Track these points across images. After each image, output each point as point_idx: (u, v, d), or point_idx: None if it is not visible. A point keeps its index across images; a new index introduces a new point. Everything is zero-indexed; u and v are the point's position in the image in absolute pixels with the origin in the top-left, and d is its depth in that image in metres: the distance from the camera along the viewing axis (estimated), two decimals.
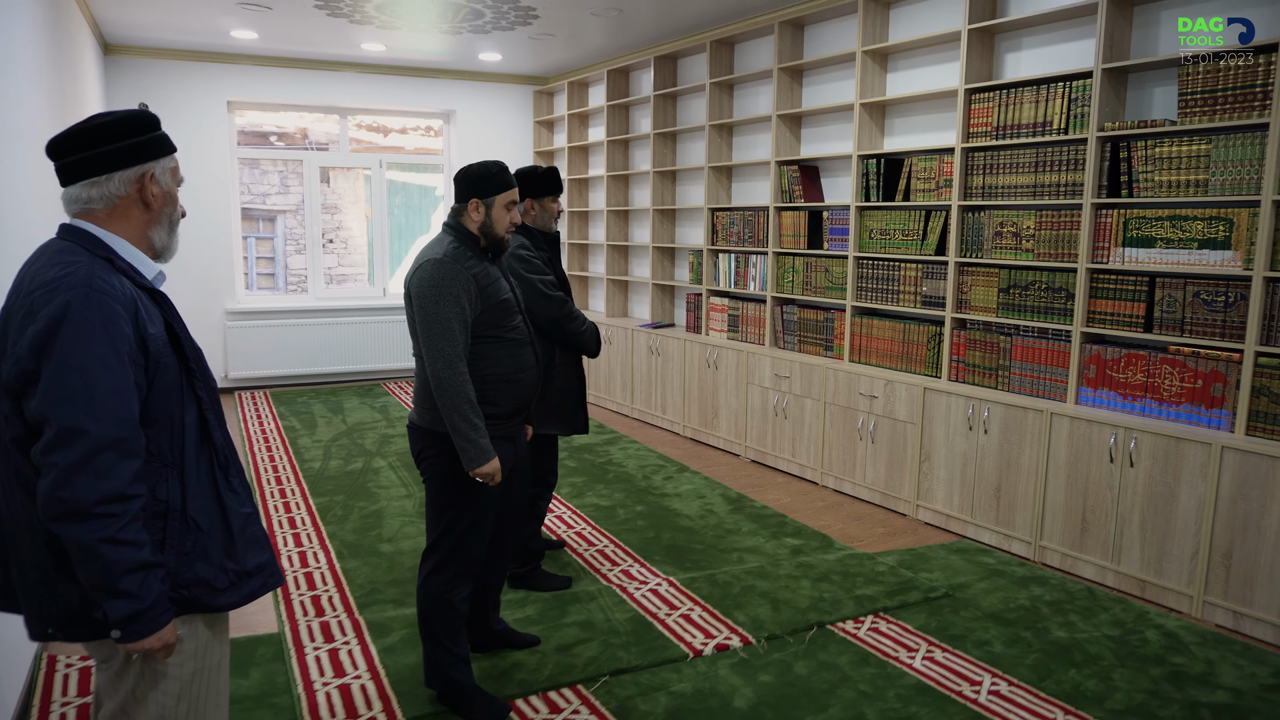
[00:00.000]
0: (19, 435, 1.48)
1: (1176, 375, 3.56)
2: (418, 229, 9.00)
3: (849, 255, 5.00)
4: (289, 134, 10.36)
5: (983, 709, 2.74)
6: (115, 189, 1.55)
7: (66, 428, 1.40)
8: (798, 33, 5.50)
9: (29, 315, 1.45)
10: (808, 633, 3.24)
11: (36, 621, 1.56)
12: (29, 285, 1.49)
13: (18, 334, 1.45)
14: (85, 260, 1.50)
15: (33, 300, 1.46)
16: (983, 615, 3.40)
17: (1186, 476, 3.41)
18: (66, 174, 1.55)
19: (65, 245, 1.53)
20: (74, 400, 1.41)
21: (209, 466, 1.61)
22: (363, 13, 5.71)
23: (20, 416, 1.47)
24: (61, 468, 1.40)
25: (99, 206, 1.55)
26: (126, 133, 1.55)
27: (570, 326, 3.44)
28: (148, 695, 1.58)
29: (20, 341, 1.44)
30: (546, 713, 2.70)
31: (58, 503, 1.40)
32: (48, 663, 2.93)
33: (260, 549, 1.67)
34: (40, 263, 1.52)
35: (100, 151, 1.53)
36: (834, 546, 4.12)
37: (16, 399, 1.47)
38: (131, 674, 1.57)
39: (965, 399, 4.24)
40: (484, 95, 8.35)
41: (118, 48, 6.96)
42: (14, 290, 1.52)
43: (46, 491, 1.40)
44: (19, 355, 1.44)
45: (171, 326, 1.58)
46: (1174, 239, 3.55)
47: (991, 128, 4.20)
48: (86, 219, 1.56)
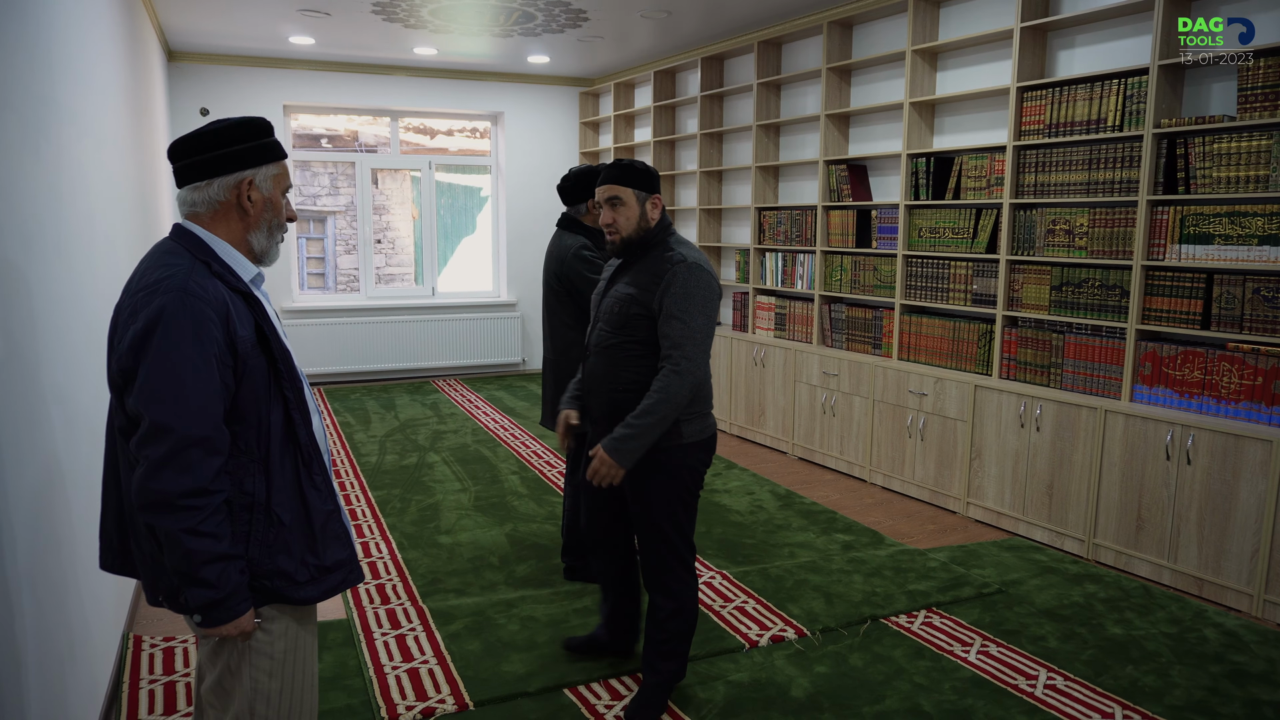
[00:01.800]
0: (123, 425, 1.59)
1: (1235, 372, 3.54)
2: (464, 229, 9.16)
3: (898, 254, 5.01)
4: (339, 136, 10.58)
5: (1039, 702, 2.76)
6: (215, 194, 1.63)
7: (156, 424, 1.50)
8: (846, 32, 5.52)
9: (132, 315, 1.55)
10: (861, 626, 3.28)
11: (150, 589, 1.68)
12: (135, 285, 1.59)
13: (122, 332, 1.56)
14: (185, 263, 1.58)
15: (136, 301, 1.56)
16: (1036, 611, 3.41)
17: (1246, 474, 3.40)
18: (178, 177, 1.64)
19: (171, 246, 1.63)
20: (164, 399, 1.50)
21: (293, 463, 1.67)
22: (418, 17, 5.85)
23: (123, 409, 1.58)
24: (151, 461, 1.50)
25: (202, 210, 1.64)
26: (229, 140, 1.62)
27: None
28: (242, 669, 1.67)
29: (123, 340, 1.55)
30: (608, 699, 2.78)
31: (146, 493, 1.50)
32: (134, 643, 3.08)
33: (342, 545, 1.73)
34: (148, 263, 1.62)
35: (205, 158, 1.61)
36: (885, 543, 4.15)
37: (120, 393, 1.58)
38: (226, 650, 1.68)
39: (1017, 396, 4.24)
40: (531, 97, 8.47)
41: (181, 54, 7.19)
42: (126, 288, 1.63)
43: (138, 482, 1.51)
44: (121, 352, 1.54)
45: (261, 328, 1.65)
46: (1233, 235, 3.53)
47: (1044, 125, 4.20)
48: (193, 220, 1.65)
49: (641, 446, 2.46)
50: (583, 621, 3.28)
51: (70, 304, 2.57)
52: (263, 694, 1.68)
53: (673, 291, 2.46)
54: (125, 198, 3.99)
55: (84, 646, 2.44)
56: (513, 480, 5.11)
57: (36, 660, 1.92)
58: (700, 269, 2.49)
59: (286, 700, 1.71)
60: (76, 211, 2.77)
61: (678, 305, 2.45)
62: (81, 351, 2.68)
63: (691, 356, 2.45)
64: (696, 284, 2.46)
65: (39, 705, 1.92)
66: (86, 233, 2.91)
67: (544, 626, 3.25)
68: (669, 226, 2.64)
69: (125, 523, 1.69)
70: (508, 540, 4.14)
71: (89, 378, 2.76)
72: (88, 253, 2.93)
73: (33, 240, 2.15)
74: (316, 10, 5.67)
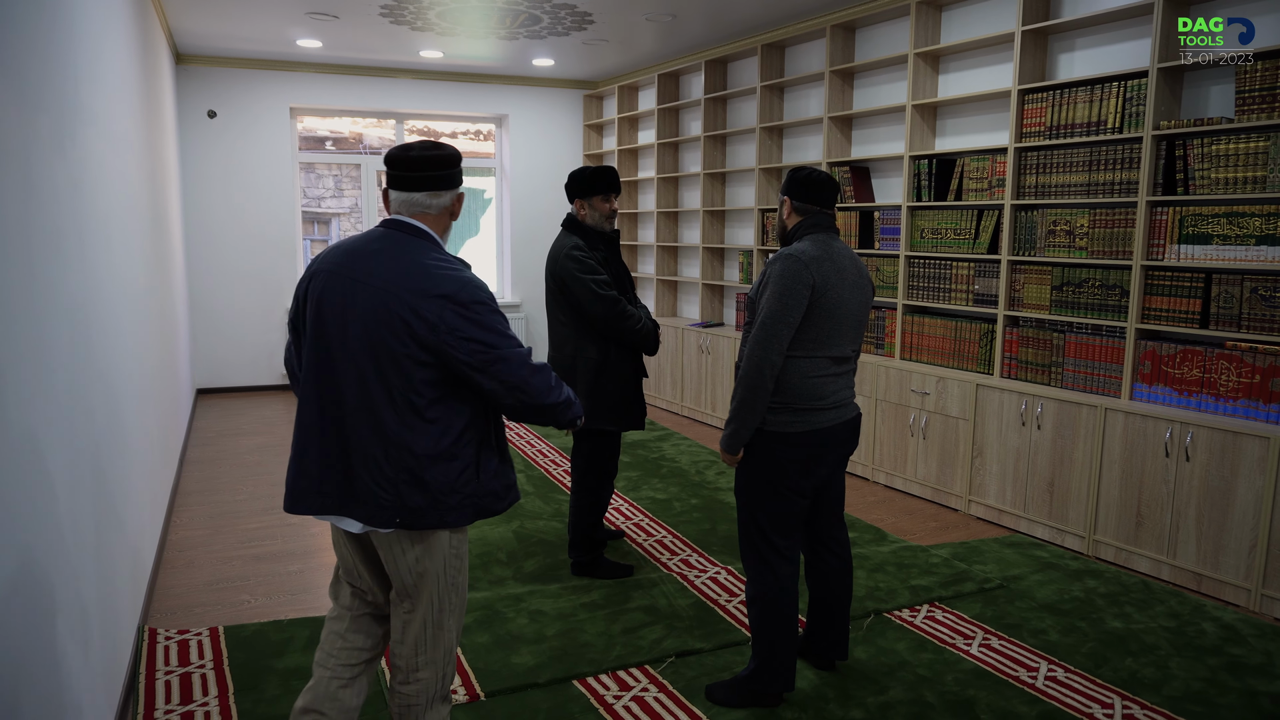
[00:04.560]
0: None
1: (1234, 371, 3.59)
2: (468, 231, 9.21)
3: (900, 254, 5.07)
4: (344, 139, 10.64)
5: (1040, 693, 2.81)
6: (444, 201, 2.05)
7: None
8: (849, 36, 5.58)
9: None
10: (865, 620, 3.33)
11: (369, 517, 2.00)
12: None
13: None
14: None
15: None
16: (1037, 606, 3.46)
17: (1244, 470, 3.44)
18: (414, 184, 2.00)
19: (389, 234, 2.01)
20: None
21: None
22: (425, 20, 5.91)
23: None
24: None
25: (432, 211, 2.04)
26: (457, 163, 2.06)
27: (623, 325, 3.49)
28: (444, 563, 2.09)
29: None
30: (617, 690, 2.83)
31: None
32: (149, 636, 3.13)
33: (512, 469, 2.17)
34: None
35: (446, 173, 2.03)
36: (887, 539, 4.19)
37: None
38: (438, 547, 2.06)
39: (1018, 395, 4.29)
40: (536, 100, 8.53)
41: (189, 57, 7.25)
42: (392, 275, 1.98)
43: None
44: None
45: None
46: (1231, 235, 3.58)
47: (1045, 127, 4.25)
48: (419, 218, 2.03)
49: (733, 432, 2.60)
50: (590, 616, 3.33)
51: (87, 299, 2.62)
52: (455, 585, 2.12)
53: (764, 278, 2.61)
54: (138, 198, 4.04)
55: (100, 639, 2.49)
56: (519, 479, 5.16)
57: (51, 653, 1.97)
58: (792, 259, 2.56)
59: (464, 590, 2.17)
60: (96, 210, 2.83)
61: (763, 291, 2.59)
62: (98, 342, 2.73)
63: (756, 339, 2.55)
64: (778, 273, 2.54)
65: (57, 697, 1.97)
66: (103, 232, 2.97)
67: (552, 620, 3.29)
68: (806, 226, 2.69)
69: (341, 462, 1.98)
70: (515, 537, 4.19)
71: (103, 367, 2.82)
72: (105, 251, 2.98)
73: (62, 236, 2.21)
74: (325, 13, 5.74)
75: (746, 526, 2.70)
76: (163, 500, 4.32)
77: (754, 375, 2.54)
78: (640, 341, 3.59)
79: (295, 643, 3.10)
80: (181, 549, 4.06)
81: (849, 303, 2.62)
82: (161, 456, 4.39)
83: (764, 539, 2.67)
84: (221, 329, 7.65)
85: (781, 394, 2.59)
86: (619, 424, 3.61)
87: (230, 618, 3.35)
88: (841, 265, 2.62)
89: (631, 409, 3.64)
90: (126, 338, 3.37)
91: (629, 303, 3.58)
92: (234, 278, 7.64)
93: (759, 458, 2.63)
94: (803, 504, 2.68)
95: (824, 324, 2.57)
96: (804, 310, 2.53)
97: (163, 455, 4.46)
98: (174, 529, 4.33)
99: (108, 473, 2.75)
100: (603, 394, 3.54)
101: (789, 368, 2.58)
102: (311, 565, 3.89)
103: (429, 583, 2.07)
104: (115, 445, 2.93)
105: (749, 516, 2.69)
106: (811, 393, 2.60)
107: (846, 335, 2.64)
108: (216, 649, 3.05)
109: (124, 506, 3.03)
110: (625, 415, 3.63)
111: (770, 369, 2.53)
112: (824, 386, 2.62)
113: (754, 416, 2.57)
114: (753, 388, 2.54)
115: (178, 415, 5.62)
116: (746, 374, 2.55)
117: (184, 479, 5.17)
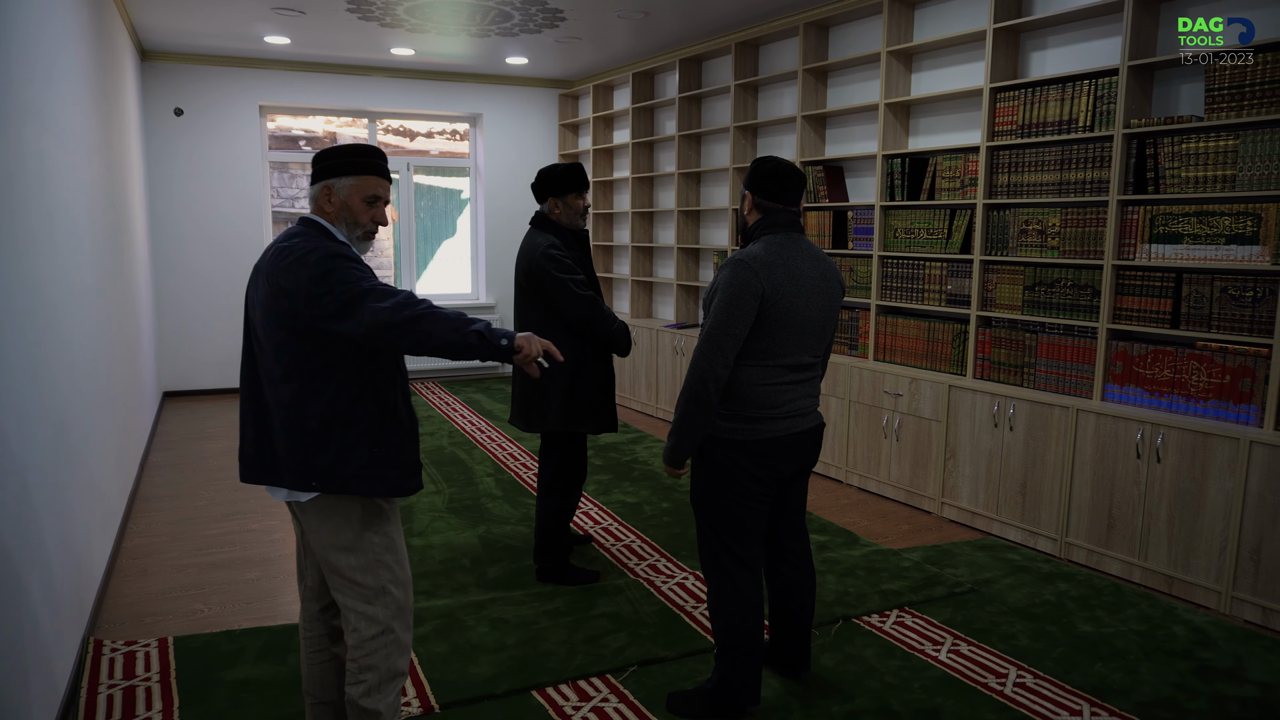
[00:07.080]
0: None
1: (1204, 371, 3.56)
2: (444, 232, 9.11)
3: (873, 254, 5.02)
4: (317, 138, 10.53)
5: (1008, 700, 2.76)
6: (314, 193, 2.17)
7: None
8: (822, 34, 5.53)
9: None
10: (833, 626, 3.27)
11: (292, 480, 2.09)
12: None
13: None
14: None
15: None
16: (1008, 610, 3.42)
17: (1215, 472, 3.41)
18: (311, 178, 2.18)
19: (293, 227, 2.16)
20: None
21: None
22: (393, 15, 5.82)
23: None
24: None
25: (313, 201, 2.18)
26: (322, 159, 2.15)
27: (601, 325, 3.46)
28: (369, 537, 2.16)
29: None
30: (576, 700, 2.76)
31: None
32: (94, 647, 3.03)
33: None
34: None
35: (316, 168, 2.17)
36: (859, 543, 4.14)
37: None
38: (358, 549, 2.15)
39: (990, 396, 4.25)
40: (510, 99, 8.45)
41: (154, 53, 7.12)
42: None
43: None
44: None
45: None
46: (1201, 235, 3.55)
47: (1016, 126, 4.22)
48: (312, 210, 2.18)
49: (674, 445, 2.52)
50: (552, 624, 3.25)
51: (28, 298, 2.52)
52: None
53: (714, 284, 2.51)
54: (92, 195, 3.93)
55: (42, 650, 2.39)
56: (488, 482, 5.08)
57: None
58: (741, 265, 2.43)
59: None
60: (41, 207, 2.73)
61: (713, 298, 2.49)
62: (41, 342, 2.63)
63: (700, 350, 2.45)
64: (725, 281, 2.43)
65: None
66: (46, 228, 2.86)
67: (514, 628, 3.22)
68: (763, 226, 2.57)
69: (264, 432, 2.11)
70: (480, 542, 4.11)
71: (47, 369, 2.72)
72: (50, 250, 2.88)
73: None
74: (291, 9, 5.63)
75: (705, 535, 2.62)
76: (118, 507, 4.21)
77: (696, 388, 2.43)
78: (615, 342, 3.54)
79: (247, 654, 3.00)
80: (135, 557, 3.95)
81: (806, 310, 2.48)
82: (117, 462, 4.27)
83: (724, 548, 2.59)
84: (189, 331, 7.52)
85: (732, 402, 2.49)
86: (595, 427, 3.56)
87: (182, 628, 3.25)
88: (799, 270, 2.48)
89: (606, 411, 3.60)
90: (76, 339, 3.27)
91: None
92: (202, 279, 7.51)
93: (711, 465, 2.55)
94: (760, 512, 2.59)
95: (776, 334, 2.45)
96: (752, 320, 2.42)
97: (119, 461, 4.34)
98: (130, 536, 4.21)
99: (54, 481, 2.64)
100: (579, 396, 3.49)
101: (739, 375, 2.47)
102: (270, 573, 3.79)
103: (340, 559, 2.13)
104: (62, 453, 2.83)
105: (707, 525, 2.61)
106: (763, 401, 2.49)
107: (805, 343, 2.52)
108: (164, 660, 2.96)
109: (72, 515, 2.93)
110: (601, 417, 3.58)
111: (715, 382, 2.42)
112: (778, 395, 2.51)
113: (697, 430, 2.47)
114: (695, 399, 2.43)
115: (140, 419, 5.49)
116: (688, 387, 2.44)
117: (144, 484, 5.05)
